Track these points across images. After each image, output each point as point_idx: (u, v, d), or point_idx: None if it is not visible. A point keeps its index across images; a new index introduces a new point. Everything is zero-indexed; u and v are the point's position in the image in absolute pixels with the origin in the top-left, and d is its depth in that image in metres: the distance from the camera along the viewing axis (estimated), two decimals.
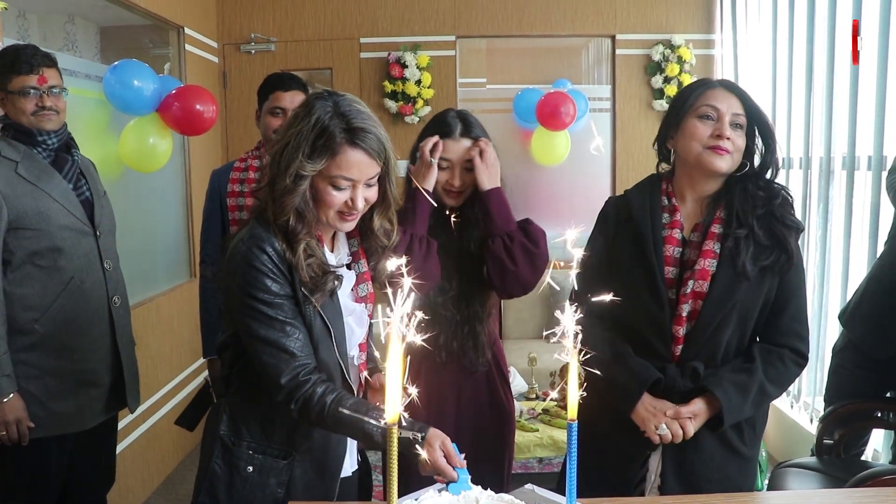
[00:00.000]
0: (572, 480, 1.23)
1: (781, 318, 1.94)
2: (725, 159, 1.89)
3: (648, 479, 1.96)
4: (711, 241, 1.92)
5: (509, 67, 6.55)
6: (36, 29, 4.69)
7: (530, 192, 5.14)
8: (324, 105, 1.66)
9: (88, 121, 3.55)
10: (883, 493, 1.76)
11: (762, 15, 4.54)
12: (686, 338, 1.92)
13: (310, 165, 1.64)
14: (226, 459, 1.80)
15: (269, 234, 1.69)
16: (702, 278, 1.90)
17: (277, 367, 1.68)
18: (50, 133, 2.46)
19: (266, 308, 1.67)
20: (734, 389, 1.87)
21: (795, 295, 1.95)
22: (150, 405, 3.95)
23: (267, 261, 1.67)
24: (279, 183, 1.66)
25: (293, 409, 1.68)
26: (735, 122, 1.90)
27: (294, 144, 1.64)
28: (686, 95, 1.97)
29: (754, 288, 1.89)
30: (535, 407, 4.02)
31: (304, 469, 1.80)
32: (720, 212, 1.94)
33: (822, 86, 3.75)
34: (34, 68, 2.42)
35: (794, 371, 1.95)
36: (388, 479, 1.15)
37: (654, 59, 5.23)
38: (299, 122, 1.66)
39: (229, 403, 1.84)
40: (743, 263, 1.87)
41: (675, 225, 1.96)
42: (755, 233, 1.89)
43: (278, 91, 2.94)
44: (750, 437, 1.98)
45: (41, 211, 2.39)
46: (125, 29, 5.24)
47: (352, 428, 1.67)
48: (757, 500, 2.02)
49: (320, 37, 5.28)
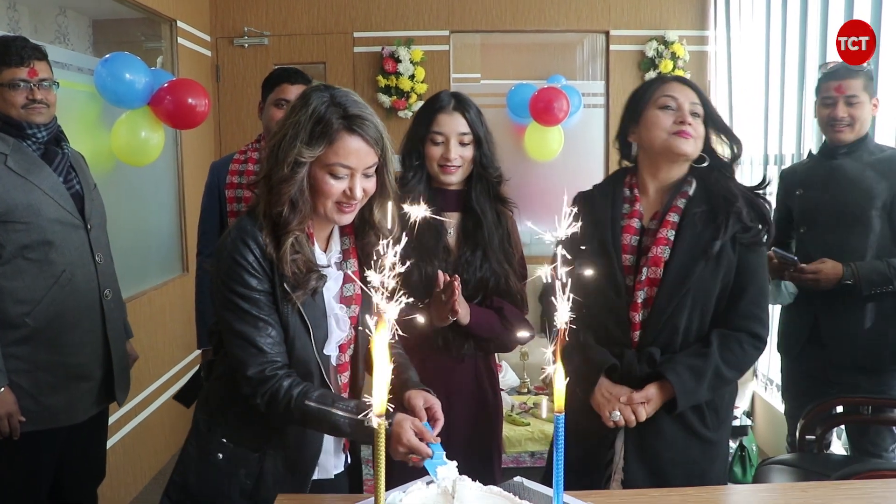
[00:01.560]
0: (559, 472, 1.24)
1: (740, 302, 1.98)
2: (690, 143, 1.99)
3: (615, 461, 2.03)
4: (665, 229, 2.00)
5: (503, 62, 6.56)
6: (27, 21, 4.66)
7: (523, 187, 5.14)
8: (320, 96, 1.68)
9: (80, 114, 3.54)
10: (869, 486, 1.79)
11: (755, 12, 4.55)
12: (643, 324, 1.99)
13: (308, 152, 1.64)
14: (199, 444, 1.82)
15: (254, 229, 1.69)
16: (655, 265, 1.98)
17: (245, 360, 1.68)
18: (40, 126, 2.45)
19: (242, 302, 1.68)
20: (688, 373, 1.93)
21: (754, 280, 1.99)
22: (142, 399, 3.94)
23: (249, 255, 1.67)
24: (276, 173, 1.66)
25: (259, 402, 1.68)
26: (693, 111, 2.00)
27: (292, 134, 1.65)
28: (644, 90, 2.09)
29: (709, 273, 1.95)
30: (527, 401, 4.04)
31: (275, 464, 1.80)
32: (678, 200, 2.02)
33: (814, 82, 3.75)
34: (24, 61, 2.40)
35: (753, 354, 2.00)
36: (375, 472, 1.15)
37: (647, 55, 5.23)
38: (296, 112, 1.67)
39: (210, 390, 1.86)
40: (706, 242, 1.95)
41: (635, 214, 2.05)
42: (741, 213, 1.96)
43: (285, 84, 2.95)
44: (713, 422, 2.02)
45: (31, 204, 2.38)
46: (117, 22, 5.21)
47: (319, 420, 1.67)
48: (735, 492, 2.03)
49: (313, 31, 5.27)
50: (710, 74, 5.24)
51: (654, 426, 1.97)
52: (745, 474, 3.84)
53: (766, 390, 4.46)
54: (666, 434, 1.99)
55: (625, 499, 1.77)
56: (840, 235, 2.79)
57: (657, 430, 1.98)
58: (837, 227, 2.80)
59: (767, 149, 4.37)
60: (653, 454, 1.99)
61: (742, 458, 3.88)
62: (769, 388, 4.40)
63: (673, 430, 1.99)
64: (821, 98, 2.85)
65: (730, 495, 1.89)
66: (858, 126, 2.77)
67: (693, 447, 2.01)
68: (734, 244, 1.97)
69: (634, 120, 2.08)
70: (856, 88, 2.74)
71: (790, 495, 1.79)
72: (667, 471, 1.98)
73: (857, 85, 2.74)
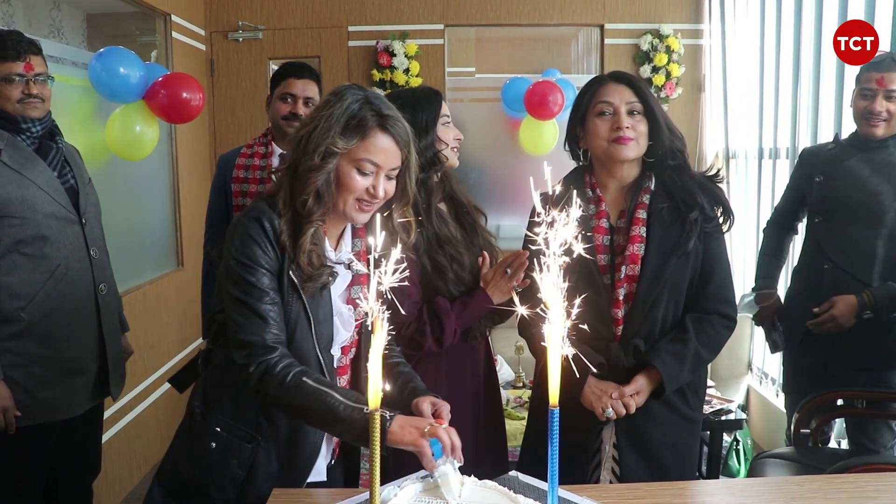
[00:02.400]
0: (554, 466, 1.24)
1: (708, 287, 2.09)
2: (630, 147, 2.05)
3: (603, 449, 2.09)
4: (638, 227, 2.06)
5: (498, 56, 6.55)
6: (21, 15, 4.64)
7: (518, 181, 5.14)
8: (355, 93, 1.72)
9: (74, 108, 3.53)
10: (863, 480, 1.79)
11: (750, 5, 4.55)
12: (625, 318, 2.07)
13: (342, 143, 1.67)
14: (193, 431, 1.83)
15: (272, 213, 1.70)
16: (633, 262, 2.05)
17: (247, 326, 1.67)
18: (35, 121, 2.45)
19: (247, 274, 1.68)
20: (672, 359, 2.02)
21: (719, 265, 2.10)
22: (137, 394, 3.94)
23: (261, 232, 1.68)
24: (305, 161, 1.68)
25: (253, 372, 1.65)
26: (631, 111, 2.05)
27: (325, 125, 1.68)
28: (582, 97, 2.14)
29: (682, 264, 2.05)
30: (522, 395, 4.04)
31: (267, 457, 1.79)
32: (643, 196, 2.09)
33: (808, 76, 3.77)
34: (20, 55, 2.40)
35: (725, 334, 2.11)
36: (371, 466, 1.15)
37: (642, 49, 5.23)
38: (330, 106, 1.70)
39: (207, 378, 1.87)
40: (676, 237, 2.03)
41: (602, 215, 2.11)
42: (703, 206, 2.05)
43: (291, 78, 2.99)
44: (694, 401, 2.15)
45: (26, 199, 2.38)
46: (112, 16, 5.21)
47: (313, 399, 1.62)
48: (731, 485, 2.04)
49: (308, 25, 5.25)
50: (705, 68, 5.24)
51: (646, 413, 2.06)
52: (739, 468, 3.85)
53: (760, 384, 4.48)
54: (657, 418, 2.08)
55: (621, 492, 1.77)
56: (856, 232, 2.74)
57: (649, 416, 2.07)
58: (856, 223, 2.75)
59: (762, 142, 4.37)
60: (646, 439, 2.08)
61: (737, 451, 3.90)
62: (764, 382, 4.42)
63: (662, 413, 2.09)
64: (860, 88, 2.74)
65: (725, 489, 1.90)
66: (894, 122, 2.70)
67: (682, 428, 2.13)
68: (699, 234, 2.06)
69: (581, 128, 2.15)
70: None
71: (785, 489, 1.79)
72: (659, 454, 2.09)
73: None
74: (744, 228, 4.46)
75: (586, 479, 2.09)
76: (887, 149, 2.72)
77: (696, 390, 2.16)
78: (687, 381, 2.07)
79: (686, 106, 5.20)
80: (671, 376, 2.01)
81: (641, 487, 1.78)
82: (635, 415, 2.03)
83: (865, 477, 1.84)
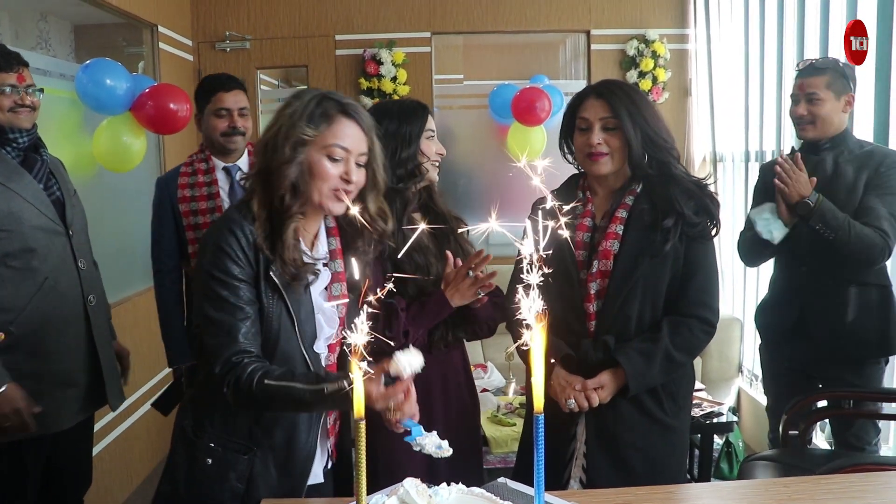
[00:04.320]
0: (540, 472, 1.25)
1: (688, 289, 2.09)
2: (603, 163, 2.10)
3: (576, 447, 2.12)
4: (615, 225, 2.10)
5: (485, 63, 6.57)
6: (7, 27, 4.63)
7: (506, 187, 5.15)
8: (312, 91, 1.78)
9: (61, 120, 3.53)
10: (850, 480, 1.81)
11: (734, 10, 4.59)
12: (597, 314, 2.10)
13: (310, 130, 1.71)
14: (187, 451, 1.81)
15: (242, 219, 1.72)
16: (605, 258, 2.08)
17: (217, 349, 1.69)
18: (22, 131, 2.44)
19: (220, 288, 1.69)
20: (638, 357, 2.03)
21: (701, 269, 2.10)
22: (128, 406, 3.93)
23: (234, 243, 1.69)
24: (276, 159, 1.71)
25: (226, 392, 1.68)
26: (605, 126, 2.08)
27: (289, 122, 1.72)
28: (568, 110, 2.21)
29: (658, 265, 2.06)
30: (513, 402, 4.04)
31: (265, 465, 1.80)
32: (627, 198, 2.12)
33: (792, 79, 3.78)
34: (13, 66, 2.42)
35: (702, 338, 2.10)
36: (356, 474, 1.16)
37: (628, 54, 5.26)
38: (291, 105, 1.75)
39: (193, 396, 1.87)
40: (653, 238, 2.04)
41: (587, 214, 2.17)
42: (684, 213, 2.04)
43: (220, 92, 2.98)
44: (671, 407, 2.12)
45: (13, 212, 2.37)
46: (99, 27, 5.19)
47: (283, 398, 1.66)
48: (719, 488, 2.05)
49: (295, 34, 5.26)
50: (691, 72, 5.28)
51: (614, 411, 2.08)
52: (731, 470, 3.86)
53: (751, 386, 4.49)
54: (625, 417, 2.08)
55: (609, 497, 1.77)
56: None
57: (616, 415, 2.08)
58: None
59: (748, 145, 4.40)
60: (612, 438, 2.09)
61: (728, 454, 3.91)
62: (754, 384, 4.43)
63: (631, 414, 2.09)
64: (791, 95, 2.90)
65: (714, 491, 1.91)
66: (821, 123, 2.77)
67: (653, 432, 2.10)
68: (681, 237, 2.06)
69: (570, 137, 2.21)
70: (817, 86, 2.75)
71: (773, 491, 1.80)
72: (627, 455, 2.08)
73: (819, 83, 2.75)
74: (732, 231, 4.48)
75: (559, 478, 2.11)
76: (837, 147, 2.80)
77: (674, 396, 2.14)
78: (657, 382, 2.07)
79: (673, 110, 5.23)
80: (636, 374, 2.02)
81: (630, 492, 1.79)
82: (605, 413, 2.06)
83: (851, 477, 1.85)
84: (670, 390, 2.12)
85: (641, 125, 2.07)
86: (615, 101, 2.08)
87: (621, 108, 2.07)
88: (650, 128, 2.08)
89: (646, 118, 2.08)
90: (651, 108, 2.13)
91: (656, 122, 2.10)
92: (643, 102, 2.12)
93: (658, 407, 2.10)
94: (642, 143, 2.07)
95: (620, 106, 2.07)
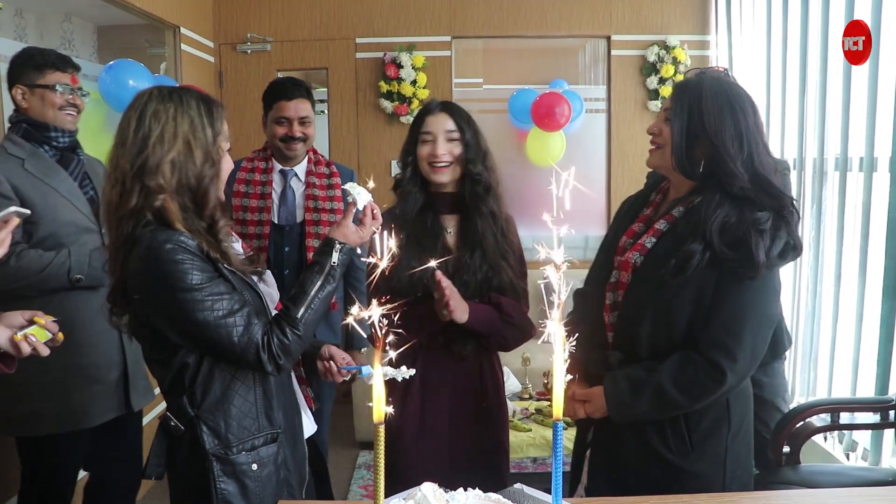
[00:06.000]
0: (558, 480, 1.25)
1: (710, 326, 1.80)
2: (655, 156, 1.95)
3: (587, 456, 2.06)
4: (648, 236, 1.91)
5: (505, 68, 6.56)
6: (33, 28, 4.68)
7: (525, 192, 5.15)
8: (156, 96, 1.76)
9: (85, 120, 3.53)
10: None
11: (756, 16, 4.56)
12: (612, 326, 1.94)
13: (220, 137, 1.76)
14: (229, 473, 1.76)
15: (171, 233, 1.68)
16: (624, 269, 1.91)
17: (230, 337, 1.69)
18: (64, 132, 2.54)
19: (198, 294, 1.67)
20: (626, 383, 1.86)
21: (731, 306, 1.78)
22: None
23: (182, 253, 1.66)
24: (199, 182, 1.73)
25: (271, 360, 1.72)
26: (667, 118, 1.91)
27: (185, 150, 1.71)
28: None
29: (676, 289, 1.80)
30: (529, 407, 4.04)
31: (286, 444, 1.86)
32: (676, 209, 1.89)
33: (815, 87, 3.77)
34: (68, 67, 2.54)
35: (709, 386, 1.80)
36: (375, 477, 1.16)
37: (649, 60, 5.24)
38: (172, 120, 1.71)
39: (203, 419, 1.77)
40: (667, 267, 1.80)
41: (642, 219, 1.99)
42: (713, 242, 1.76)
43: (281, 101, 3.02)
44: (678, 446, 1.88)
45: (48, 205, 2.45)
46: (122, 28, 5.24)
47: (315, 313, 1.78)
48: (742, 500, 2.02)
49: (316, 37, 5.29)
50: None
51: (617, 439, 1.94)
52: None
53: None
54: (626, 443, 1.92)
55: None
56: None
57: (619, 444, 1.94)
58: None
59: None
60: (612, 461, 1.97)
61: None
62: None
63: (634, 443, 1.91)
64: None
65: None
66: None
67: (654, 466, 1.89)
68: (713, 263, 1.78)
69: None
70: None
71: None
72: (626, 482, 1.91)
73: None
74: None
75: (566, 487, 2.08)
76: None
77: (684, 435, 1.87)
78: (648, 416, 1.86)
79: None
80: (617, 402, 1.86)
81: (648, 500, 1.76)
82: (608, 434, 1.96)
83: None
84: (679, 428, 1.87)
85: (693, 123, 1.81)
86: (680, 101, 1.84)
87: (683, 110, 1.83)
88: (708, 129, 1.79)
89: (703, 117, 1.80)
90: (727, 109, 1.80)
91: (720, 124, 1.79)
92: (709, 100, 1.80)
93: (661, 441, 1.88)
94: (685, 140, 1.82)
95: (682, 108, 1.83)
